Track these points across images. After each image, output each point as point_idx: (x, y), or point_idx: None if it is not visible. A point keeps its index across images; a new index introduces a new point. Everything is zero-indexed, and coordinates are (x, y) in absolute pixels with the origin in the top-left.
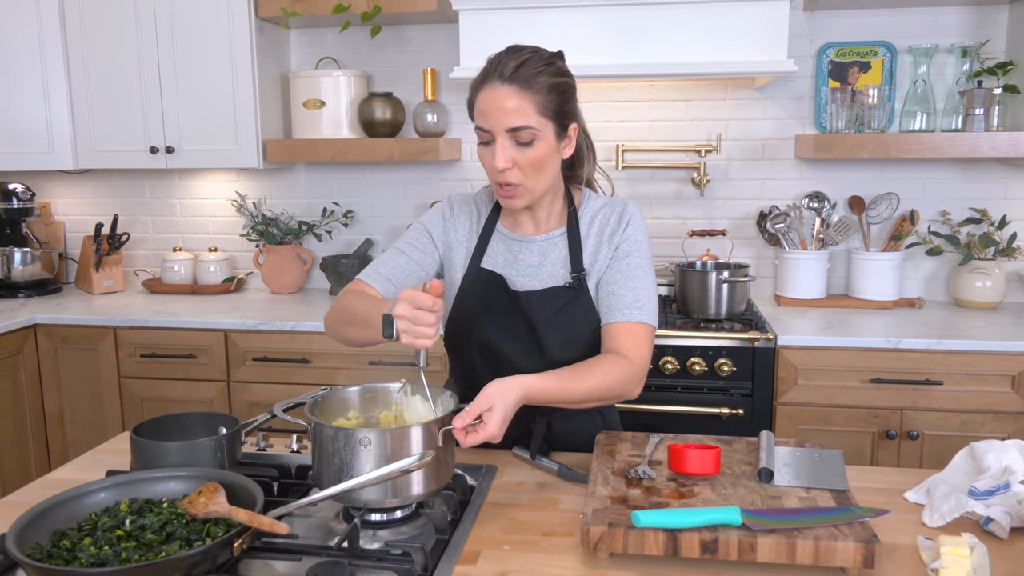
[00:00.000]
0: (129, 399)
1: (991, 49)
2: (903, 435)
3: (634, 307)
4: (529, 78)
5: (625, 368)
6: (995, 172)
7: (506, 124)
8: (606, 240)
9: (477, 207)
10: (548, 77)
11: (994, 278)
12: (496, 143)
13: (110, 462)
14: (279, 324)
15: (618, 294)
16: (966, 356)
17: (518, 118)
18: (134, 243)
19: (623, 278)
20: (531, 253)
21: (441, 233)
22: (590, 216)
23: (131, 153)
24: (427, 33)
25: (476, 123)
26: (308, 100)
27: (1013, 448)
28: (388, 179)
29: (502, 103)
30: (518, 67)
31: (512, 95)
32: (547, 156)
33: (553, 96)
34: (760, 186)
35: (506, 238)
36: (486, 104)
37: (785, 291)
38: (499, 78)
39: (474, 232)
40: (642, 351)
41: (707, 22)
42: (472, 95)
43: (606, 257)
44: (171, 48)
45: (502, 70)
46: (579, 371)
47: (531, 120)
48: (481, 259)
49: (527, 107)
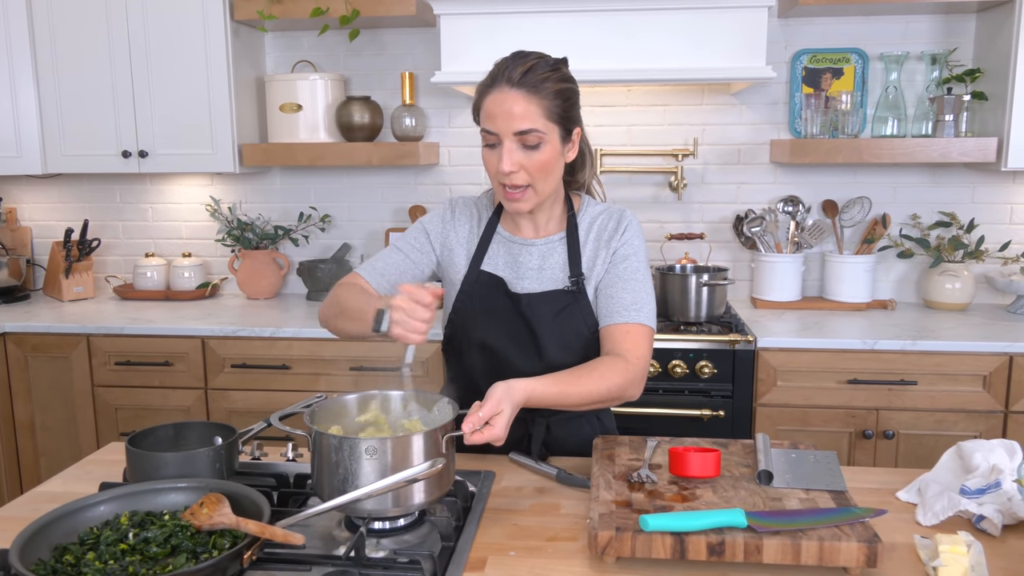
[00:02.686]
0: (103, 408)
1: (959, 57)
2: (879, 434)
3: (632, 309)
4: (536, 83)
5: (624, 370)
6: (963, 177)
7: (514, 128)
8: (604, 245)
9: (478, 210)
10: (554, 83)
11: (963, 280)
12: (503, 146)
13: (100, 474)
14: (258, 330)
15: (616, 297)
16: (939, 356)
17: (525, 122)
18: (104, 249)
19: (621, 281)
20: (531, 256)
21: (440, 235)
22: (589, 221)
23: (102, 157)
24: (405, 37)
25: (483, 126)
26: (285, 104)
27: (999, 447)
28: (366, 183)
29: (510, 107)
30: (526, 72)
31: (520, 99)
32: (553, 160)
33: (559, 101)
34: (736, 190)
35: (506, 241)
36: (494, 108)
37: (761, 294)
38: (507, 82)
39: (475, 235)
40: (641, 352)
41: (688, 28)
42: (479, 99)
43: (604, 262)
44: (144, 50)
45: (510, 75)
46: (579, 374)
47: (538, 124)
48: (481, 261)
49: (534, 111)
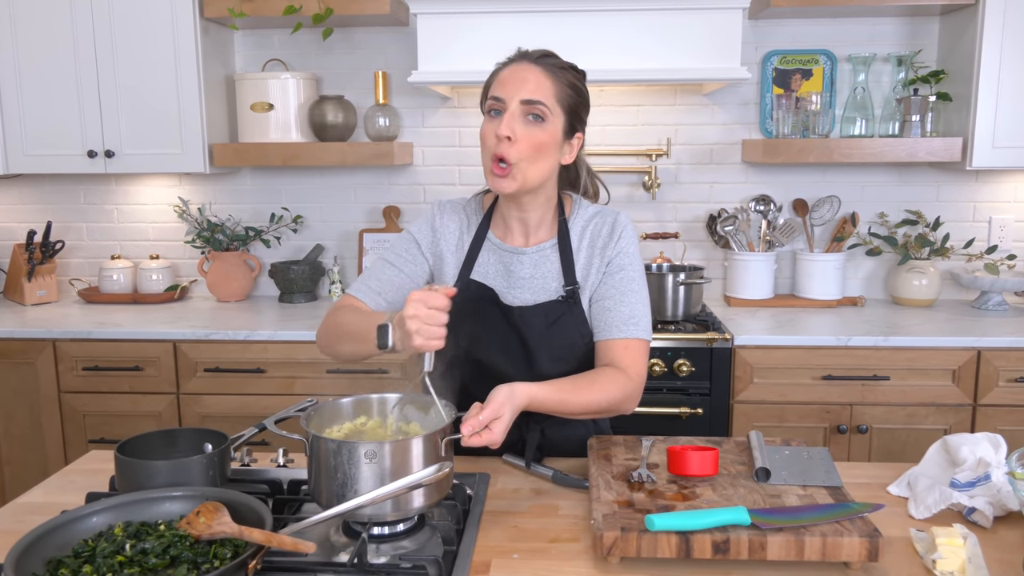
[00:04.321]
0: (71, 415)
1: (924, 58)
2: (853, 429)
3: (630, 323)
4: (555, 68)
5: (624, 384)
6: (928, 176)
7: (523, 94)
8: (598, 253)
9: (467, 215)
10: (571, 75)
11: (930, 277)
12: (507, 112)
13: (84, 484)
14: (231, 333)
15: (614, 310)
16: (910, 352)
17: (537, 92)
18: (68, 251)
19: (618, 293)
20: (523, 266)
21: (430, 243)
22: (581, 226)
23: (67, 157)
24: (377, 36)
25: (490, 94)
26: (256, 103)
27: (984, 440)
28: (338, 183)
29: (524, 76)
30: (545, 55)
31: (535, 71)
32: (549, 142)
33: (572, 92)
34: (709, 189)
35: (497, 249)
36: (507, 76)
37: (735, 292)
38: (525, 59)
39: (464, 242)
40: (640, 368)
41: (664, 29)
42: (492, 76)
43: (599, 271)
44: (110, 47)
45: (530, 55)
46: (580, 384)
47: (547, 99)
48: (471, 271)
49: (547, 86)
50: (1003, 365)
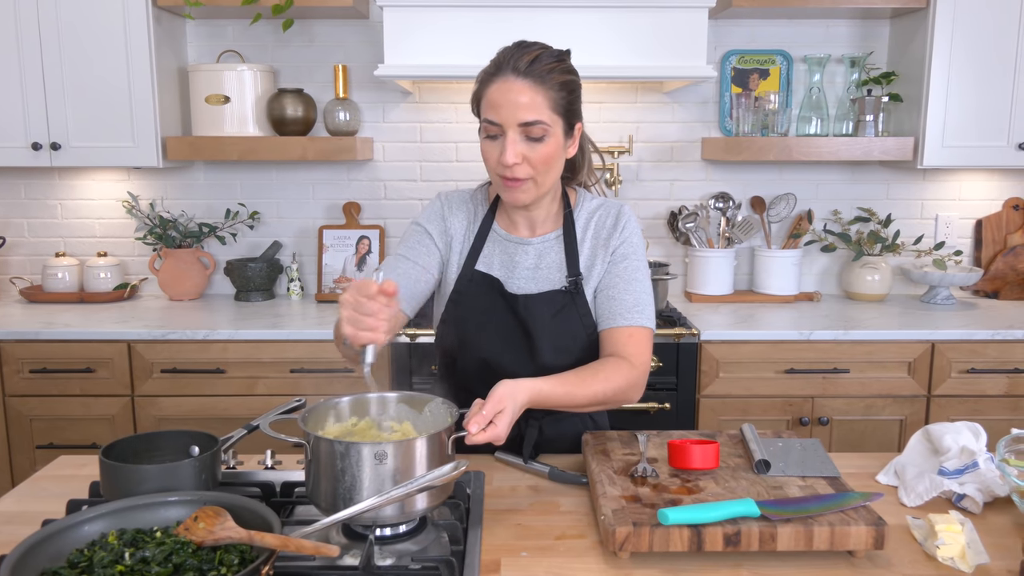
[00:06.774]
0: (16, 419)
1: (875, 60)
2: (814, 421)
3: (635, 311)
4: (543, 73)
5: (629, 373)
6: (879, 174)
7: (519, 118)
8: (602, 244)
9: (474, 205)
10: (559, 74)
11: (882, 272)
12: (506, 137)
13: (57, 491)
14: (190, 332)
15: (618, 298)
16: (869, 345)
17: (532, 112)
18: (8, 248)
19: (623, 282)
20: (527, 256)
21: (441, 232)
22: (585, 218)
23: (10, 150)
24: (337, 28)
25: (484, 117)
26: (211, 95)
27: (965, 430)
28: (296, 179)
29: (516, 97)
30: (532, 62)
31: (526, 89)
32: (555, 153)
33: (564, 93)
34: (669, 187)
35: (502, 239)
36: (498, 97)
37: (696, 288)
38: (513, 72)
39: (470, 231)
40: (644, 356)
41: (630, 27)
42: (481, 88)
43: (603, 261)
44: (56, 34)
45: (516, 64)
46: (584, 376)
47: (544, 116)
48: (476, 261)
49: (540, 102)
50: (955, 357)
